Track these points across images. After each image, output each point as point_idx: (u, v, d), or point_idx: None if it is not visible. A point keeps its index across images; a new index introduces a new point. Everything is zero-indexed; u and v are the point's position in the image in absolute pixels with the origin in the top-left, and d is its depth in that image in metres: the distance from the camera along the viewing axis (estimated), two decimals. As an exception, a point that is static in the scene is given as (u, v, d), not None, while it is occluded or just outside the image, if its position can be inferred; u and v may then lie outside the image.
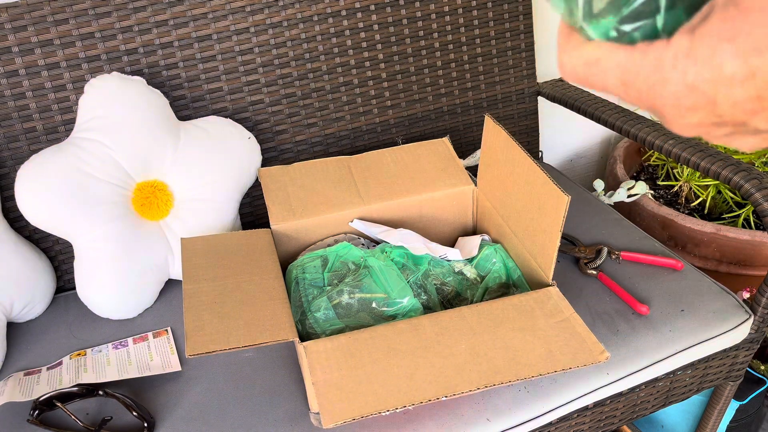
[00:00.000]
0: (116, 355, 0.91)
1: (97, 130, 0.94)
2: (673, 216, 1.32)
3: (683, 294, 0.96)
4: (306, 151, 1.17)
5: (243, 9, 1.05)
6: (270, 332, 0.73)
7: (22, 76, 0.96)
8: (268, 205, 0.95)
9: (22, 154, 0.99)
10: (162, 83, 1.04)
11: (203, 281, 0.81)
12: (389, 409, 0.67)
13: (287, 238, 0.94)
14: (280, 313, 0.76)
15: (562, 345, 0.74)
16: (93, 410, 0.83)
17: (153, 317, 0.99)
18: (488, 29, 1.21)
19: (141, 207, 0.98)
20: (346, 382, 0.70)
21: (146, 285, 0.98)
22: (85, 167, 0.93)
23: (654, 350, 0.89)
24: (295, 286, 0.87)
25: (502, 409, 0.81)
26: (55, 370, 0.88)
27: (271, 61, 1.09)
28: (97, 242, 0.94)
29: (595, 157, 1.72)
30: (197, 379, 0.87)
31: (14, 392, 0.83)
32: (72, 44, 0.98)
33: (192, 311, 0.76)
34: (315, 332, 0.81)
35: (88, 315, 0.99)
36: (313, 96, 1.14)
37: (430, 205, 0.98)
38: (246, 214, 1.15)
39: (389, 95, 1.19)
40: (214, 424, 0.80)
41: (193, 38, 1.04)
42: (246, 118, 1.10)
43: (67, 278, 1.06)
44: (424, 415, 0.79)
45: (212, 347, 0.71)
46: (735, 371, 1.03)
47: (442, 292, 0.89)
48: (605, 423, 0.94)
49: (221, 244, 0.88)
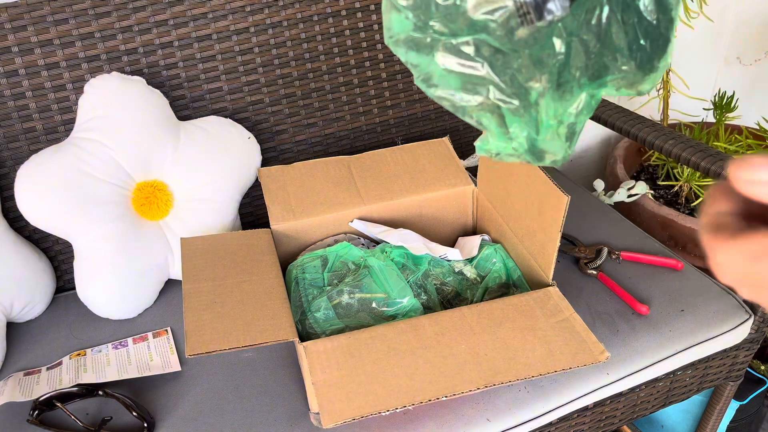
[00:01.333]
0: (116, 355, 0.91)
1: (96, 130, 0.94)
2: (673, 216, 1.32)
3: (683, 294, 0.96)
4: (306, 151, 1.17)
5: (243, 9, 1.05)
6: (270, 332, 0.73)
7: (21, 76, 0.96)
8: (268, 205, 0.95)
9: (22, 154, 0.99)
10: (162, 83, 1.04)
11: (203, 281, 0.81)
12: (389, 409, 0.67)
13: (287, 238, 0.94)
14: (280, 313, 0.76)
15: (562, 345, 0.74)
16: (93, 410, 0.83)
17: (153, 317, 0.99)
18: (488, 29, 1.21)
19: (141, 207, 0.98)
20: (346, 382, 0.70)
21: (146, 285, 0.98)
22: (84, 167, 0.92)
23: (654, 350, 0.89)
24: (295, 286, 0.87)
25: (502, 409, 0.81)
26: (54, 370, 0.88)
27: (270, 60, 1.09)
28: (97, 242, 0.94)
29: (595, 157, 1.72)
30: (197, 379, 0.87)
31: (14, 392, 0.83)
32: (72, 44, 0.97)
33: (192, 311, 0.76)
34: (315, 332, 0.81)
35: (88, 315, 0.99)
36: (313, 96, 1.13)
37: (430, 205, 0.98)
38: (246, 214, 1.15)
39: (389, 95, 1.19)
40: (214, 424, 0.80)
41: (193, 38, 1.04)
42: (246, 118, 1.10)
43: (66, 278, 1.06)
44: (425, 415, 0.79)
45: (212, 347, 0.71)
46: (735, 371, 1.03)
47: (442, 292, 0.89)
48: (605, 423, 0.94)
49: (221, 244, 0.88)
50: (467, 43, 0.40)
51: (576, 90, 0.43)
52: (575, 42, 0.41)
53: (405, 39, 0.41)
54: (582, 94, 0.43)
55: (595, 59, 0.42)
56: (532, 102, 0.42)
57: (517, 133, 0.42)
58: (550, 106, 0.42)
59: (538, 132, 0.42)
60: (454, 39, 0.40)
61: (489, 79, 0.41)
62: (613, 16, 0.41)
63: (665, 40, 0.42)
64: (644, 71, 0.42)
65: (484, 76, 0.41)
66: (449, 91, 0.41)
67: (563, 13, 0.39)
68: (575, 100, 0.43)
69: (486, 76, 0.41)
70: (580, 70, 0.42)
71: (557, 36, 0.40)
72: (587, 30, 0.41)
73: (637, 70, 0.42)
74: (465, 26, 0.40)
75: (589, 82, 0.43)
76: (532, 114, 0.42)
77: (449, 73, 0.41)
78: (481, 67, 0.40)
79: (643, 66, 0.42)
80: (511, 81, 0.41)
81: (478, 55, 0.40)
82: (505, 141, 0.43)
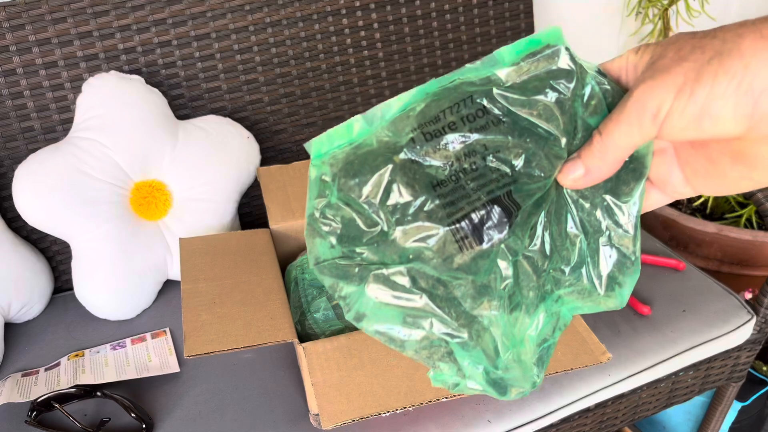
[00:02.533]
0: (114, 356, 0.90)
1: (95, 129, 0.94)
2: (675, 216, 1.32)
3: (685, 294, 0.95)
4: (305, 150, 1.16)
5: (242, 8, 1.04)
6: (269, 333, 0.73)
7: (19, 75, 0.96)
8: (267, 205, 0.94)
9: (20, 154, 0.99)
10: (160, 82, 1.03)
11: (202, 281, 0.81)
12: (389, 411, 0.67)
13: (286, 238, 0.94)
14: (280, 314, 0.76)
15: (564, 346, 0.73)
16: (91, 411, 0.83)
17: (151, 318, 0.98)
18: (489, 28, 1.20)
19: (139, 207, 0.98)
20: (345, 383, 0.69)
21: (144, 285, 0.98)
22: (83, 167, 0.92)
23: (656, 351, 0.88)
24: (294, 287, 0.87)
25: (503, 410, 0.80)
26: (53, 371, 0.88)
27: (270, 60, 1.08)
28: (95, 242, 0.93)
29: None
30: (196, 380, 0.86)
31: (12, 393, 0.83)
32: (70, 43, 0.97)
33: (190, 312, 0.75)
34: (314, 333, 0.81)
35: (87, 316, 0.98)
36: (312, 95, 1.13)
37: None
38: (245, 214, 1.14)
39: (389, 94, 1.18)
40: (213, 425, 0.80)
41: (192, 37, 1.03)
42: (245, 117, 1.10)
43: (65, 278, 1.05)
44: (425, 417, 0.79)
45: (211, 348, 0.70)
46: (737, 372, 1.03)
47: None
48: (607, 424, 0.93)
49: (220, 244, 0.88)
50: (401, 272, 0.36)
51: (532, 310, 0.39)
52: (521, 261, 0.38)
53: (330, 266, 0.37)
54: (539, 313, 0.39)
55: (545, 276, 0.39)
56: (483, 332, 0.37)
57: (471, 368, 0.37)
58: (506, 334, 0.38)
59: (495, 365, 0.38)
60: (385, 269, 0.36)
61: (430, 311, 0.36)
62: (557, 229, 0.38)
63: (622, 255, 0.39)
64: (608, 287, 0.39)
65: (424, 308, 0.36)
66: (385, 325, 0.36)
67: (505, 235, 0.36)
68: (533, 322, 0.39)
69: (425, 308, 0.36)
70: (532, 289, 0.38)
71: (502, 258, 0.37)
72: (532, 247, 0.38)
73: (590, 283, 0.39)
74: (396, 254, 0.36)
75: (544, 300, 0.39)
76: (484, 345, 0.37)
77: (384, 305, 0.36)
78: (419, 298, 0.36)
79: (598, 278, 0.39)
80: (455, 312, 0.37)
81: (415, 286, 0.36)
82: (460, 377, 0.38)
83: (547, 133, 0.37)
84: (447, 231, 0.36)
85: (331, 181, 0.36)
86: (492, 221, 0.36)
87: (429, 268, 0.36)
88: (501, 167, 0.37)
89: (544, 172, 0.37)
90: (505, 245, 0.37)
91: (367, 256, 0.36)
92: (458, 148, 0.36)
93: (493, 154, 0.36)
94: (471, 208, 0.36)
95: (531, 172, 0.37)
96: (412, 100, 0.37)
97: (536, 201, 0.37)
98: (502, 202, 0.36)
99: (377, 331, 0.36)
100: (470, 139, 0.36)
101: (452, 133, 0.36)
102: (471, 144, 0.36)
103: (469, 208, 0.36)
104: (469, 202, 0.36)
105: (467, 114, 0.36)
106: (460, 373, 0.37)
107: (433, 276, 0.36)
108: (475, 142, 0.36)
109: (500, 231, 0.36)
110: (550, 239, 0.38)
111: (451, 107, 0.36)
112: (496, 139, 0.36)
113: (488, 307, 0.37)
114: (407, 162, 0.36)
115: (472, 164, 0.36)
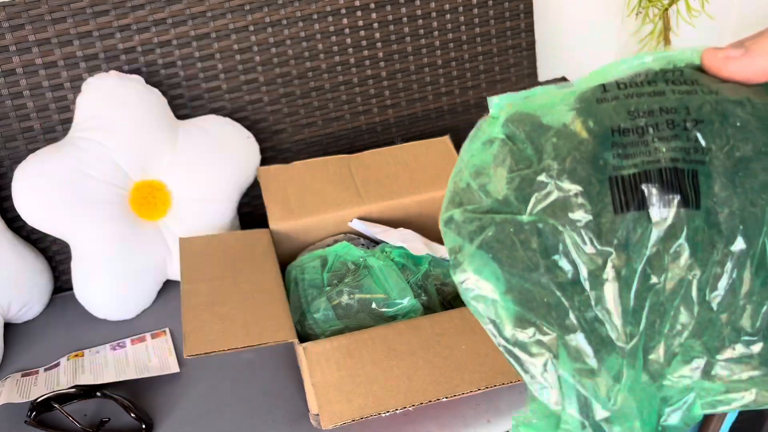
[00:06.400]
0: (114, 356, 0.90)
1: (94, 129, 0.93)
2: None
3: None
4: (305, 150, 1.16)
5: (242, 8, 1.04)
6: (269, 333, 0.73)
7: (19, 75, 0.96)
8: (267, 205, 0.94)
9: (20, 154, 0.99)
10: (160, 82, 1.03)
11: (202, 281, 0.81)
12: (389, 410, 0.67)
13: (286, 238, 0.93)
14: (279, 314, 0.76)
15: (564, 346, 0.73)
16: (91, 412, 0.83)
17: (151, 318, 0.98)
18: (489, 27, 1.20)
19: (139, 207, 0.98)
20: (345, 383, 0.69)
21: (144, 285, 0.98)
22: (82, 167, 0.92)
23: (656, 351, 0.88)
24: (294, 287, 0.87)
25: (504, 410, 0.80)
26: (52, 372, 0.88)
27: (270, 59, 1.08)
28: (95, 242, 0.93)
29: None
30: (196, 380, 0.86)
31: (11, 394, 0.82)
32: (69, 43, 0.97)
33: (190, 312, 0.75)
34: (314, 333, 0.81)
35: (86, 316, 0.98)
36: (312, 95, 1.13)
37: (431, 205, 0.98)
38: (245, 214, 1.14)
39: (389, 94, 1.18)
40: (213, 425, 0.80)
41: (192, 37, 1.03)
42: (244, 117, 1.10)
43: (64, 279, 1.05)
44: (425, 416, 0.79)
45: (211, 348, 0.70)
46: (737, 372, 1.03)
47: (442, 292, 0.89)
48: (607, 424, 0.93)
49: (220, 244, 0.88)
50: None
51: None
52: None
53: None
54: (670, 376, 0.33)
55: (710, 325, 0.32)
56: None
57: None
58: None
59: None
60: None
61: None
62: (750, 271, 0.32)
63: None
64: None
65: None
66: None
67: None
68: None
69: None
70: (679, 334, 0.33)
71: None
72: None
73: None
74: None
75: (689, 363, 0.33)
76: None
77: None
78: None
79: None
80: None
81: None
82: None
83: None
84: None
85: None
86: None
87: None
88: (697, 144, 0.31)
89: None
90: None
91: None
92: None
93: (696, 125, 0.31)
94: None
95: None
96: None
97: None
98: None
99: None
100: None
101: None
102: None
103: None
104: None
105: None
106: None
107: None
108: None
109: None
110: (737, 279, 0.29)
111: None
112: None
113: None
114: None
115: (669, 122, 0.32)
